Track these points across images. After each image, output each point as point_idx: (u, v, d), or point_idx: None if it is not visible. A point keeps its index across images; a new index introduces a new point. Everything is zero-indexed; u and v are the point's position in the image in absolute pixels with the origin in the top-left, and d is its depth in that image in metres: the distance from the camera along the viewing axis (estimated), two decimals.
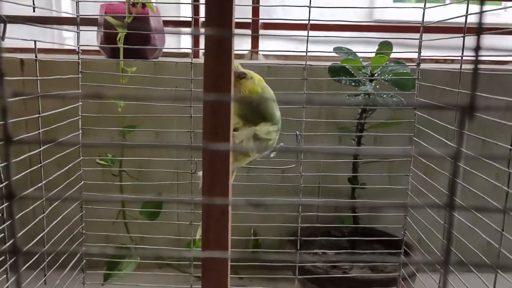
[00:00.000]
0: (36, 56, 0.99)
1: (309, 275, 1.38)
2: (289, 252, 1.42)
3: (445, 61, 1.79)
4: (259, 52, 1.77)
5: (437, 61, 1.80)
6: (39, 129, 0.94)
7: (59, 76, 1.04)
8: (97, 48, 1.60)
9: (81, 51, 1.18)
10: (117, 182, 1.58)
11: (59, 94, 0.89)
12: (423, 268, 1.31)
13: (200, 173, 0.64)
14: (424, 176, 1.23)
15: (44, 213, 0.99)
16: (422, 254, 1.42)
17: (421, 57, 1.20)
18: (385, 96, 1.41)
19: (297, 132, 1.09)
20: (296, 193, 1.21)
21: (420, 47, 1.20)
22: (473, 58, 0.27)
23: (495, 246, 0.86)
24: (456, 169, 0.28)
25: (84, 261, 1.14)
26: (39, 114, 0.97)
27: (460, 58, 1.05)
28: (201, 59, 1.51)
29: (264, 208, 1.69)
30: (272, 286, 1.24)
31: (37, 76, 0.98)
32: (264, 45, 1.98)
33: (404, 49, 1.25)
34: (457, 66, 1.09)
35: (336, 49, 1.33)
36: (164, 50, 1.68)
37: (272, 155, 0.87)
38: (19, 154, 0.83)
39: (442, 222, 1.07)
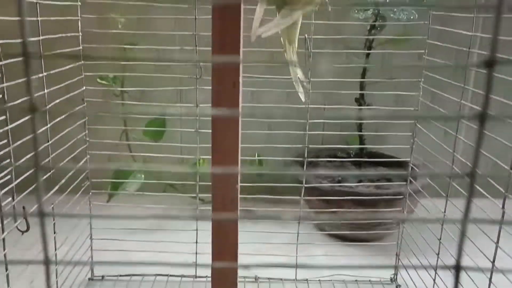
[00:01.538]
0: None
1: (315, 192, 1.39)
2: (294, 173, 1.42)
3: None
4: None
5: None
6: (39, 36, 0.89)
7: None
8: None
9: None
10: (119, 101, 1.55)
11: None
12: (429, 185, 1.31)
13: None
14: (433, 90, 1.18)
15: (47, 129, 0.96)
16: (427, 175, 1.42)
17: None
18: (396, 10, 1.35)
19: (306, 35, 1.04)
20: (303, 113, 1.18)
21: None
22: None
23: (502, 167, 0.84)
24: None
25: (89, 182, 1.14)
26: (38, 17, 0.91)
27: None
28: None
29: (269, 127, 1.67)
30: (277, 207, 1.25)
31: None
32: None
33: None
34: None
35: None
36: None
37: None
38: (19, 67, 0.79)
39: (451, 150, 1.04)
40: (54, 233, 0.98)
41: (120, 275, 1.18)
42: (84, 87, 1.12)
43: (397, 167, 1.50)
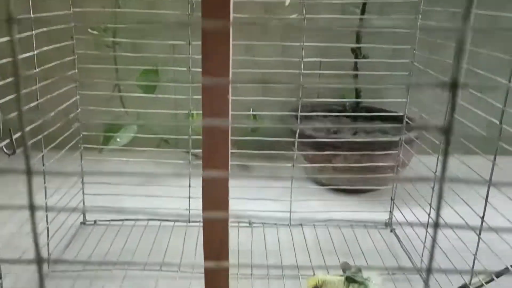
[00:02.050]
0: None
1: (310, 144, 1.37)
2: (287, 126, 1.41)
3: None
4: None
5: None
6: None
7: None
8: None
9: None
10: (111, 53, 1.52)
11: None
12: (422, 136, 1.29)
13: None
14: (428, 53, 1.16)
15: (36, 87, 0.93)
16: (422, 128, 1.40)
17: None
18: None
19: None
20: (297, 67, 1.15)
21: None
22: None
23: (496, 124, 0.81)
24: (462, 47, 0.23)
25: (81, 135, 1.11)
26: None
27: None
28: None
29: (264, 82, 1.64)
30: (272, 162, 1.24)
31: None
32: None
33: None
34: None
35: None
36: None
37: None
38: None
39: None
40: (44, 183, 0.95)
41: (113, 220, 1.17)
42: (74, 40, 1.09)
43: (393, 121, 1.49)
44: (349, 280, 0.75)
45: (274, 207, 1.27)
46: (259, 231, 1.17)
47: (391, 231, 1.19)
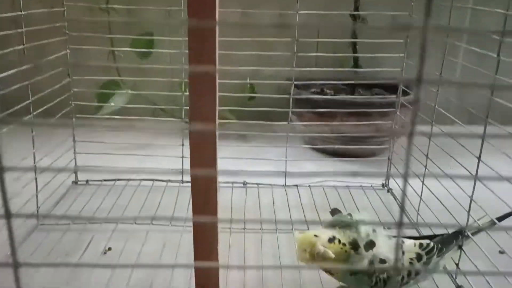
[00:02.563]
0: None
1: (306, 106, 1.35)
2: (282, 96, 1.38)
3: None
4: None
5: None
6: None
7: None
8: None
9: None
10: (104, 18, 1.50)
11: None
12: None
13: None
14: None
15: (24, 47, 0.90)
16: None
17: None
18: None
19: None
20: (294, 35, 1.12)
21: None
22: None
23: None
24: None
25: (73, 104, 1.09)
26: None
27: None
28: None
29: (261, 49, 1.62)
30: (269, 131, 1.21)
31: None
32: None
33: None
34: None
35: None
36: None
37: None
38: None
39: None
40: (33, 148, 0.93)
41: (105, 180, 1.15)
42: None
43: (392, 90, 1.46)
44: (337, 223, 0.73)
45: (269, 169, 1.25)
46: (254, 191, 1.15)
47: (388, 191, 1.17)
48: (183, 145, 1.09)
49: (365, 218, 0.73)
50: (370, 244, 0.69)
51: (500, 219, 0.76)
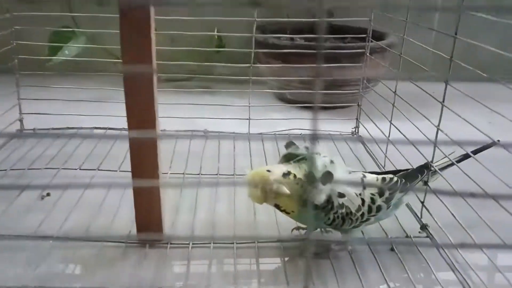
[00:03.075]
0: None
1: (273, 54, 1.27)
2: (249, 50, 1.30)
3: None
4: None
5: None
6: None
7: None
8: None
9: None
10: None
11: None
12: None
13: None
14: None
15: None
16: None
17: None
18: None
19: None
20: None
21: None
22: None
23: None
24: None
25: (16, 60, 0.99)
26: None
27: None
28: None
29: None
30: (234, 88, 1.12)
31: None
32: None
33: None
34: None
35: None
36: None
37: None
38: None
39: None
40: None
41: (53, 128, 1.07)
42: None
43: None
44: (292, 157, 0.66)
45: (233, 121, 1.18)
46: (214, 140, 1.08)
47: (358, 138, 1.11)
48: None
49: (324, 150, 0.66)
50: (328, 176, 0.62)
51: (475, 152, 0.70)
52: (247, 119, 1.08)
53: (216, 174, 0.91)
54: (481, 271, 0.64)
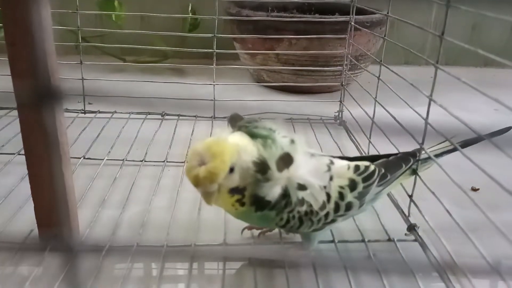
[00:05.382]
0: None
1: (249, 28, 1.11)
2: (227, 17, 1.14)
3: None
4: None
5: None
6: None
7: None
8: None
9: None
10: None
11: None
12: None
13: None
14: None
15: None
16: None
17: None
18: None
19: None
20: None
21: None
22: None
23: None
24: None
25: None
26: None
27: None
28: None
29: None
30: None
31: None
32: None
33: None
34: None
35: None
36: None
37: None
38: None
39: None
40: None
41: None
42: None
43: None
44: (242, 129, 0.49)
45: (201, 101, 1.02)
46: (171, 123, 0.92)
47: (340, 124, 0.95)
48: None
49: (279, 127, 0.50)
50: (286, 160, 0.46)
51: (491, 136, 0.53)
52: (212, 100, 0.92)
53: (163, 161, 0.75)
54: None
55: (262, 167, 0.45)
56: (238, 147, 0.44)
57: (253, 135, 0.47)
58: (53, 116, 0.49)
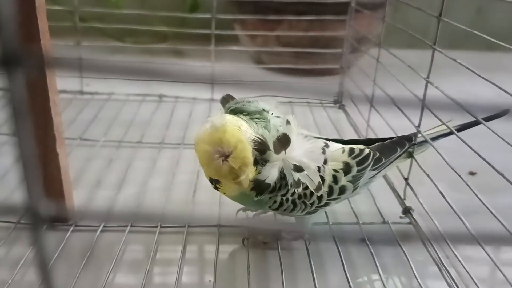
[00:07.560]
0: None
1: (249, 10, 1.10)
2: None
3: None
4: None
5: None
6: None
7: None
8: None
9: None
10: None
11: None
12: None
13: None
14: None
15: None
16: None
17: None
18: None
19: None
20: None
21: None
22: None
23: None
24: None
25: None
26: None
27: None
28: None
29: None
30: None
31: None
32: None
33: None
34: None
35: None
36: None
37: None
38: None
39: None
40: None
41: None
42: None
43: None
44: (235, 111, 0.49)
45: (199, 84, 1.01)
46: (169, 105, 0.91)
47: (340, 107, 0.94)
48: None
49: (273, 107, 0.49)
50: (284, 141, 0.45)
51: (490, 118, 0.52)
52: (210, 82, 0.92)
53: (160, 143, 0.75)
54: (478, 268, 0.48)
55: (262, 147, 0.44)
56: (241, 130, 0.44)
57: (245, 115, 0.47)
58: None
